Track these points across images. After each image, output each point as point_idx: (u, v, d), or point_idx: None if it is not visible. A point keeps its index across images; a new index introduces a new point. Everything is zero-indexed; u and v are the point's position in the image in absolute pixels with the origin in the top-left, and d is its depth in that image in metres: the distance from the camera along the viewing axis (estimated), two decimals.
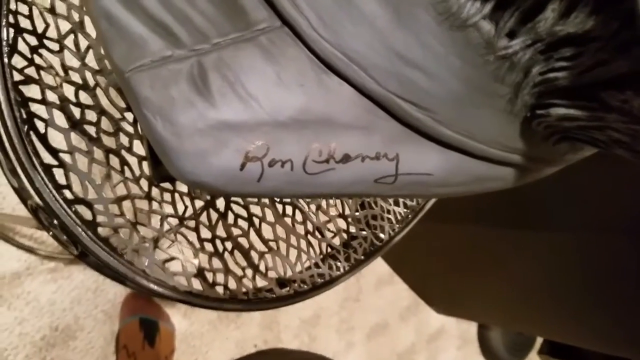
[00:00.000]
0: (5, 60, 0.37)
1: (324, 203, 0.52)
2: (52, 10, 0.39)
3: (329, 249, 0.53)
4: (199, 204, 0.45)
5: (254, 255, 0.47)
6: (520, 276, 1.08)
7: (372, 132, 0.23)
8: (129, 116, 0.42)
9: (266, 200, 0.48)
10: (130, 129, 0.42)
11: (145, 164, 0.42)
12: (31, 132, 0.38)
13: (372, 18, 0.21)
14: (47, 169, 0.38)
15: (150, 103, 0.21)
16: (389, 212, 0.56)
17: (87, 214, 0.40)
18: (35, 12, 0.38)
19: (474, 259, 1.15)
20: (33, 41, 0.38)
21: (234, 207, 0.47)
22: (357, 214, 0.54)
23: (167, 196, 0.44)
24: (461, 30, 0.20)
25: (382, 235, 0.56)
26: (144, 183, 0.43)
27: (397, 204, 0.57)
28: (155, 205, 0.43)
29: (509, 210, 0.94)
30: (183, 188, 0.45)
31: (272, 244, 0.48)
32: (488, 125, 0.23)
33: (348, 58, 0.21)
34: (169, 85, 0.21)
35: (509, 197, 0.68)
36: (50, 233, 0.40)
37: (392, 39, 0.21)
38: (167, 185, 0.44)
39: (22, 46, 0.38)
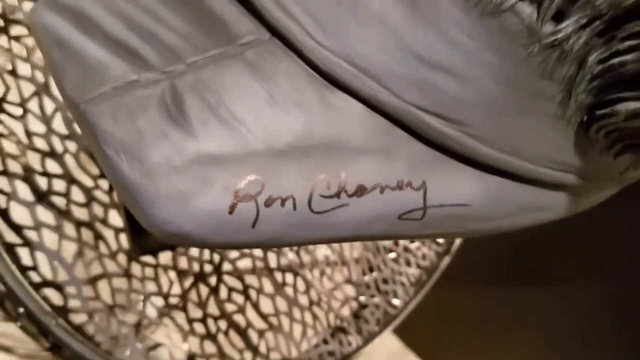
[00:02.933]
0: None
1: (328, 269, 0.47)
2: (13, 72, 0.35)
3: (338, 321, 0.47)
4: (187, 278, 0.40)
5: (253, 334, 0.41)
6: (541, 339, 1.01)
7: (390, 156, 0.18)
8: (103, 183, 0.38)
9: (263, 266, 0.43)
10: (104, 198, 0.38)
11: (123, 236, 0.38)
12: None
13: (381, 14, 0.17)
14: (10, 248, 0.33)
15: (112, 138, 0.17)
16: (400, 274, 0.51)
17: (57, 299, 0.34)
18: None
19: (488, 328, 1.08)
20: None
21: (227, 278, 0.41)
22: (365, 277, 0.49)
23: (149, 271, 0.39)
24: (495, 17, 0.16)
25: (395, 301, 0.50)
26: (122, 258, 0.38)
27: (408, 263, 0.52)
28: (135, 283, 0.38)
29: (515, 267, 0.89)
30: (167, 261, 0.39)
31: (273, 320, 0.43)
32: (535, 138, 0.19)
33: (355, 67, 0.17)
34: (136, 116, 0.17)
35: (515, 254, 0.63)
36: (18, 324, 0.35)
37: (409, 38, 0.17)
38: (149, 259, 0.39)
39: None
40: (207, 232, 0.18)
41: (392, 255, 0.51)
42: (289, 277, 0.44)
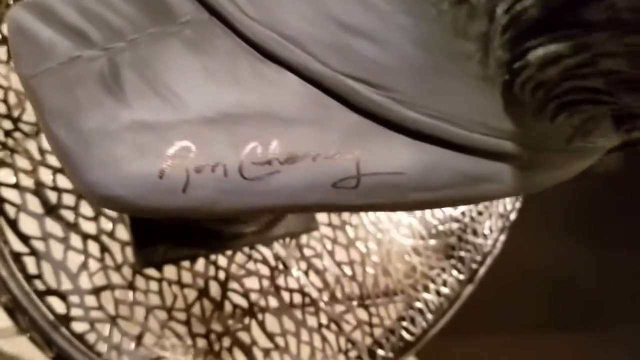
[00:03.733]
0: None
1: (338, 291, 0.46)
2: None
3: (350, 345, 0.46)
4: (190, 293, 0.40)
5: (257, 353, 0.41)
6: None
7: (323, 126, 0.18)
8: None
9: (269, 286, 0.43)
10: (113, 213, 0.39)
11: (129, 250, 0.39)
12: (0, 218, 0.35)
13: None
14: (17, 257, 0.35)
15: (52, 107, 0.18)
16: (418, 299, 0.49)
17: (60, 307, 0.36)
18: (12, 96, 0.37)
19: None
20: (8, 125, 0.37)
21: (232, 295, 0.42)
22: (378, 300, 0.48)
23: (153, 285, 0.39)
24: None
25: (413, 329, 0.48)
26: (126, 271, 0.39)
27: (427, 289, 0.50)
28: (139, 295, 0.38)
29: (543, 300, 0.83)
30: (172, 275, 0.40)
31: (279, 340, 0.42)
32: (463, 102, 0.18)
33: (282, 36, 0.18)
34: (75, 87, 0.18)
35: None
36: (28, 335, 0.36)
37: (330, 5, 0.17)
38: (153, 272, 0.39)
39: None
40: (138, 196, 0.18)
41: (410, 280, 0.50)
42: (297, 297, 0.44)
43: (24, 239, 0.36)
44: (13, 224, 0.36)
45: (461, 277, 0.52)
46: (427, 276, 0.51)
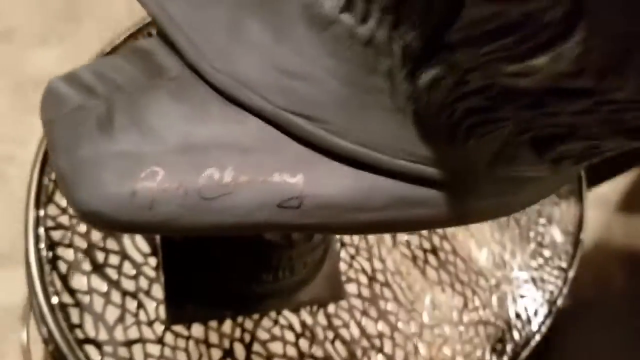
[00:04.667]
0: (42, 212, 0.42)
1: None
2: None
3: None
4: (216, 353, 0.43)
5: None
6: None
7: (272, 154, 0.22)
8: (152, 261, 0.44)
9: (294, 353, 0.44)
10: (151, 274, 0.44)
11: (162, 308, 0.42)
12: (54, 272, 0.40)
13: (258, 41, 0.22)
14: (63, 307, 0.40)
15: (59, 143, 0.23)
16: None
17: (95, 355, 0.39)
18: None
19: None
20: None
21: (256, 358, 0.43)
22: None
23: (181, 342, 0.42)
24: (328, 29, 0.21)
25: None
26: (158, 327, 0.42)
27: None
28: (167, 351, 0.42)
29: None
30: (199, 334, 0.43)
31: None
32: (383, 130, 0.21)
33: (240, 82, 0.22)
34: (77, 127, 0.23)
35: None
36: None
37: (275, 56, 0.21)
38: (182, 330, 0.43)
39: (58, 197, 0.43)
40: (112, 212, 0.22)
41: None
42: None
43: (72, 292, 0.41)
44: (64, 279, 0.41)
45: None
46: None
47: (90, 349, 0.40)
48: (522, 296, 0.55)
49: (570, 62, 0.16)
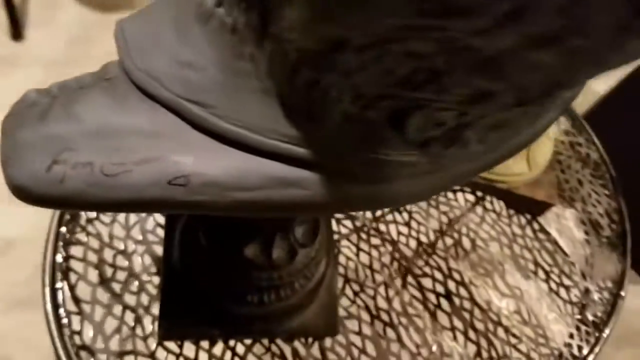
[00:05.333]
0: (63, 229, 0.47)
1: None
2: None
3: None
4: None
5: None
6: None
7: (172, 139, 0.24)
8: (157, 280, 0.47)
9: None
10: (154, 292, 0.46)
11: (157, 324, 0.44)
12: (64, 282, 0.44)
13: (169, 43, 0.25)
14: (67, 314, 0.43)
15: (5, 127, 0.27)
16: None
17: None
18: None
19: None
20: (91, 215, 0.48)
21: None
22: None
23: (171, 358, 0.44)
24: (208, 23, 0.23)
25: None
26: (151, 342, 0.44)
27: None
28: None
29: None
30: (190, 353, 0.44)
31: None
32: (255, 112, 0.23)
33: (152, 77, 0.25)
34: (24, 118, 0.27)
35: None
36: None
37: (177, 52, 0.24)
38: (174, 347, 0.44)
39: (82, 219, 0.48)
40: (31, 185, 0.25)
41: None
42: None
43: (77, 301, 0.44)
44: (72, 288, 0.44)
45: None
46: None
47: (84, 355, 0.42)
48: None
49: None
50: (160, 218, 0.50)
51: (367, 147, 0.22)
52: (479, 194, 0.59)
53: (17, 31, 1.25)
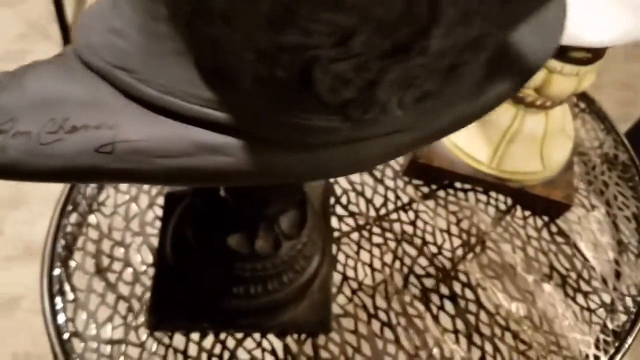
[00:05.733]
0: (65, 220, 0.48)
1: None
2: (116, 187, 0.50)
3: None
4: None
5: None
6: None
7: (103, 107, 0.25)
8: (150, 271, 0.47)
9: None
10: (148, 283, 0.47)
11: None
12: (62, 269, 0.45)
13: (104, 12, 0.25)
14: (64, 302, 0.44)
15: None
16: None
17: (79, 348, 0.43)
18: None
19: None
20: (94, 206, 0.49)
21: None
22: None
23: (161, 349, 0.44)
24: None
25: None
26: (142, 332, 0.44)
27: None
28: (145, 355, 0.43)
29: None
30: (180, 344, 0.44)
31: None
32: (175, 75, 0.22)
33: (89, 48, 0.26)
34: None
35: None
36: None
37: (109, 19, 0.25)
38: (164, 338, 0.44)
39: (81, 208, 0.49)
40: None
41: None
42: None
43: (73, 289, 0.45)
44: (69, 277, 0.45)
45: None
46: None
47: (75, 342, 0.43)
48: None
49: None
50: (159, 211, 0.50)
51: (286, 110, 0.21)
52: (492, 193, 0.57)
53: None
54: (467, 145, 0.54)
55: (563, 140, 0.55)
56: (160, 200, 0.51)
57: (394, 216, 0.54)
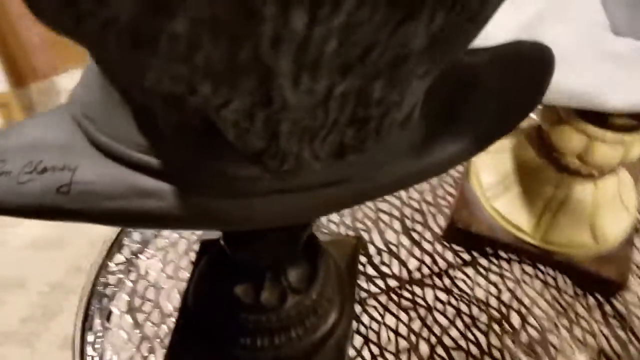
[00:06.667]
0: (108, 261, 0.52)
1: None
2: (158, 232, 0.54)
3: None
4: None
5: None
6: None
7: (71, 149, 0.27)
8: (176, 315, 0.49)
9: None
10: (172, 326, 0.48)
11: None
12: (99, 304, 0.49)
13: (88, 67, 0.28)
14: (95, 334, 0.47)
15: None
16: None
17: None
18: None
19: None
20: (135, 249, 0.53)
21: None
22: None
23: None
24: None
25: None
26: None
27: None
28: None
29: None
30: None
31: None
32: (120, 122, 0.23)
33: (72, 100, 0.28)
34: None
35: None
36: None
37: (87, 75, 0.27)
38: None
39: (125, 251, 0.52)
40: None
41: None
42: None
43: (103, 325, 0.48)
44: (108, 316, 0.49)
45: None
46: None
47: None
48: None
49: None
50: (194, 256, 0.53)
51: (209, 157, 0.22)
52: (541, 266, 0.53)
53: None
54: (509, 211, 0.51)
55: (619, 213, 0.50)
56: (197, 246, 0.53)
57: (428, 281, 0.52)
